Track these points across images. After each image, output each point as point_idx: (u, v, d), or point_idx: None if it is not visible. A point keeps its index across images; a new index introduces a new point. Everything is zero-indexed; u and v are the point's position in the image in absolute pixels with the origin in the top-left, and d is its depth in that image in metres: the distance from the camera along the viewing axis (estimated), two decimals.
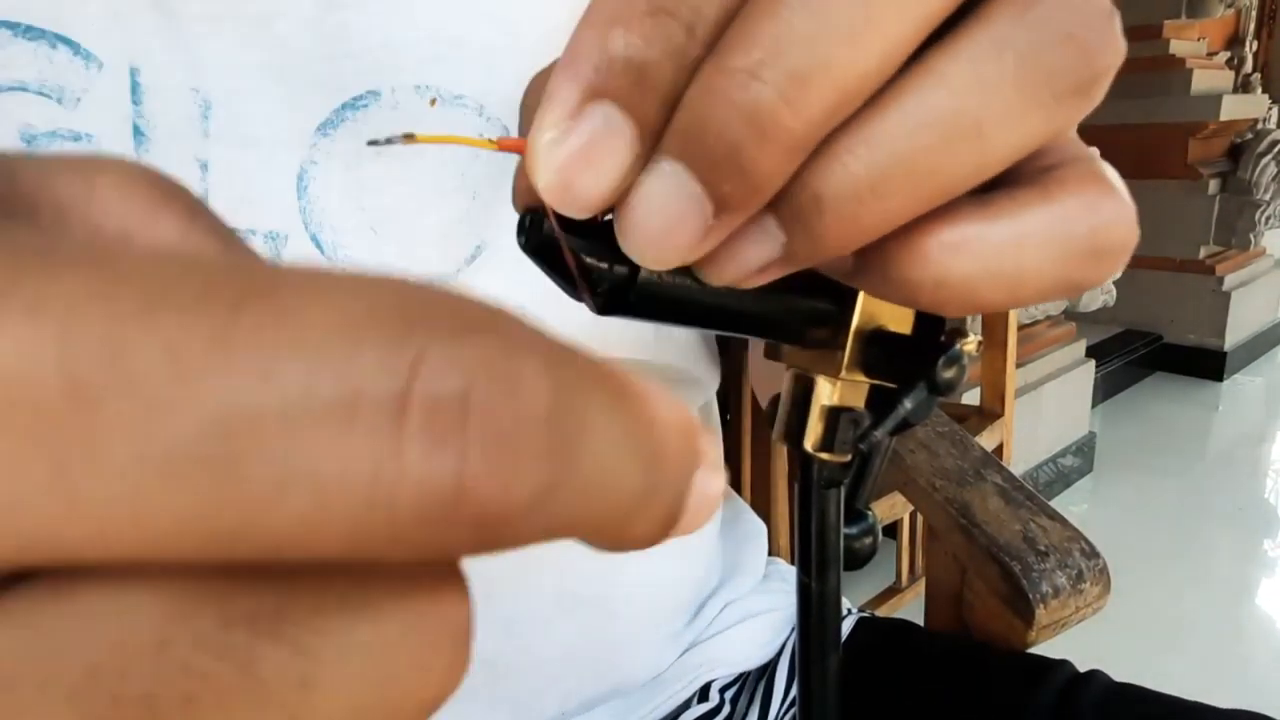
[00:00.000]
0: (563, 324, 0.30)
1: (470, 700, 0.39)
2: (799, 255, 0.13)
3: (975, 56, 0.12)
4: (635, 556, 0.42)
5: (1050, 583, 0.45)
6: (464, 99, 0.31)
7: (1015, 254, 0.13)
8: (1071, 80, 0.12)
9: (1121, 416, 2.42)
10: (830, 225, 0.12)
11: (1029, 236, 0.13)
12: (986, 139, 0.12)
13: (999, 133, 0.12)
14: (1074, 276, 0.14)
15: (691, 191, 0.11)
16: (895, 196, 0.12)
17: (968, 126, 0.12)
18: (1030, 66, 0.12)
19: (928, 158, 0.12)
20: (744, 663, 0.46)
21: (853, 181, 0.12)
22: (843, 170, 0.12)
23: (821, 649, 0.21)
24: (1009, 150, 0.12)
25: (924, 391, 0.16)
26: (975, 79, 0.12)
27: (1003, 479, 0.51)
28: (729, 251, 0.13)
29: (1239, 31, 2.92)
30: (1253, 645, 1.51)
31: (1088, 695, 0.42)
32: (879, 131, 0.12)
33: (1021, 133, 0.12)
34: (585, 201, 0.12)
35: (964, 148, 0.12)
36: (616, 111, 0.11)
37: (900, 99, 0.12)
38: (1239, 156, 2.64)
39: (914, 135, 0.12)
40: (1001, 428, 1.16)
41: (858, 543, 0.21)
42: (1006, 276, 0.13)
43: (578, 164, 0.11)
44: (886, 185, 0.12)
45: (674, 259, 0.12)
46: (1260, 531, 1.85)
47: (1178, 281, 2.70)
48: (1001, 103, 0.12)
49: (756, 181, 0.11)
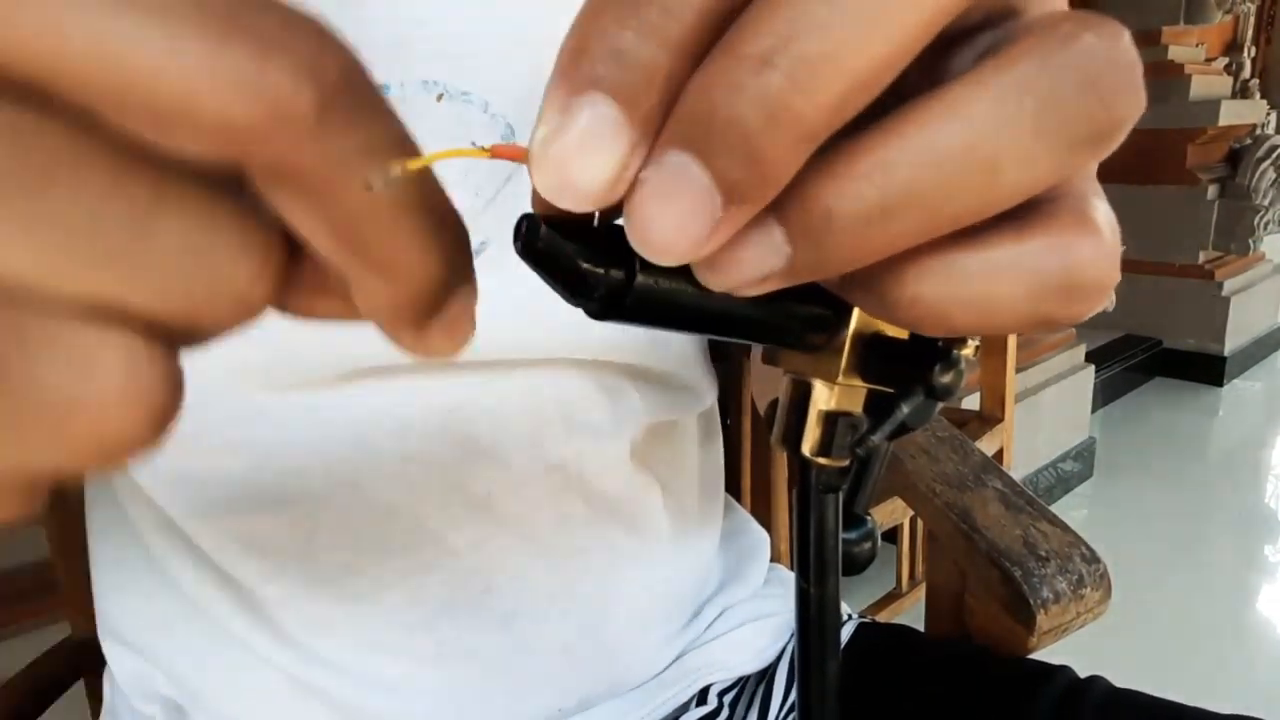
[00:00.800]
0: (564, 324, 0.30)
1: (469, 695, 0.39)
2: (801, 270, 0.13)
3: (999, 96, 0.12)
4: (633, 559, 0.42)
5: (1051, 588, 0.45)
6: (470, 95, 0.31)
7: (986, 284, 0.13)
8: (1088, 130, 0.12)
9: (1121, 421, 2.42)
10: (837, 244, 0.12)
11: (1000, 269, 0.13)
12: (999, 177, 0.12)
13: (1011, 172, 0.12)
14: (1046, 311, 0.14)
15: (700, 182, 0.11)
16: (904, 222, 0.12)
17: (984, 163, 0.12)
18: (1051, 112, 0.12)
19: (941, 189, 0.12)
20: (743, 667, 0.46)
21: (866, 203, 0.12)
22: (857, 191, 0.12)
23: (821, 654, 0.21)
24: (1017, 189, 0.12)
25: (921, 396, 0.16)
26: (997, 118, 0.12)
27: (1003, 484, 0.51)
28: (733, 257, 0.13)
29: (1237, 37, 2.93)
30: (1254, 650, 1.50)
31: (1088, 701, 0.42)
32: (897, 157, 0.12)
33: (1033, 174, 0.12)
34: (581, 195, 0.11)
35: (977, 183, 0.12)
36: (607, 102, 0.11)
37: (922, 127, 0.12)
38: (1238, 162, 2.65)
39: (931, 165, 0.12)
40: (1002, 433, 1.16)
41: (857, 548, 0.21)
42: (977, 304, 0.13)
43: (571, 157, 0.11)
44: (897, 210, 0.12)
45: (682, 254, 0.12)
46: (1261, 536, 1.85)
47: (1177, 286, 2.70)
48: (1019, 144, 0.12)
49: (767, 170, 0.11)
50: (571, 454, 0.38)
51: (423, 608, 0.38)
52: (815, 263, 0.12)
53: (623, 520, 0.42)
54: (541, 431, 0.37)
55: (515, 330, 0.34)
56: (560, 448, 0.38)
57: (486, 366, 0.35)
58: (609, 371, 0.38)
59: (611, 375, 0.39)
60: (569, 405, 0.37)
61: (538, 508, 0.38)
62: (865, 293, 0.14)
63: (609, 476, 0.40)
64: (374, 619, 0.37)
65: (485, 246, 0.32)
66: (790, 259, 0.12)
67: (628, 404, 0.39)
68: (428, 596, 0.38)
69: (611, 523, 0.41)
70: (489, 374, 0.35)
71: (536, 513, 0.38)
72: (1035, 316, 0.14)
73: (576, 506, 0.39)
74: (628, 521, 0.42)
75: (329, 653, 0.38)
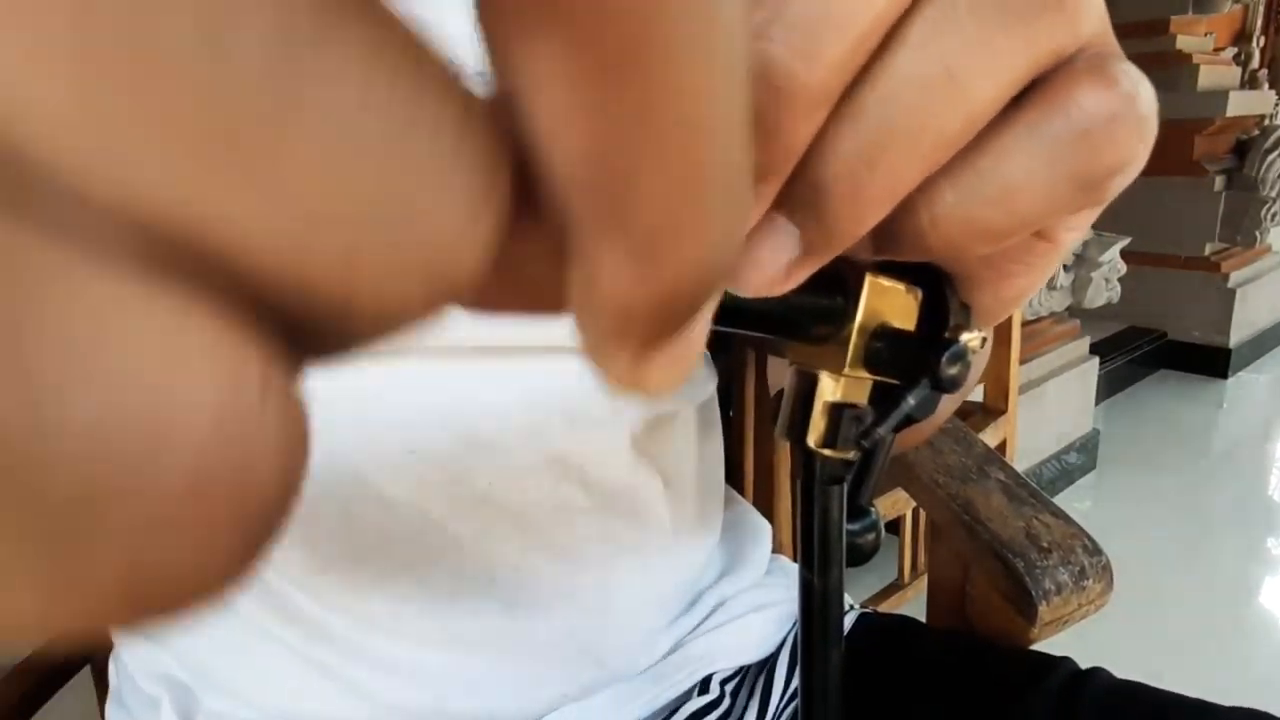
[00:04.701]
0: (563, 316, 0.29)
1: (476, 680, 0.40)
2: (818, 247, 0.12)
3: (930, 6, 0.12)
4: (633, 549, 0.43)
5: (1053, 580, 0.45)
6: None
7: (999, 174, 0.13)
8: (1042, 10, 0.12)
9: (1125, 414, 2.42)
10: (838, 208, 0.12)
11: (1009, 151, 0.12)
12: (962, 85, 0.12)
13: (974, 76, 0.12)
14: (1074, 181, 0.13)
15: None
16: (891, 164, 0.12)
17: (937, 78, 0.12)
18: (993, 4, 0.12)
19: (908, 120, 0.12)
20: (744, 656, 0.46)
21: (843, 162, 0.12)
22: (831, 153, 0.12)
23: (823, 645, 0.21)
24: (992, 89, 0.12)
25: (927, 388, 0.16)
26: (934, 30, 0.11)
27: (1006, 476, 0.51)
28: (753, 261, 0.12)
29: (1246, 27, 2.91)
30: (1256, 643, 1.51)
31: (1090, 692, 0.42)
32: (856, 108, 0.12)
33: (999, 68, 0.12)
34: None
35: (942, 99, 0.12)
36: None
37: (870, 71, 0.12)
38: (1245, 153, 2.63)
39: (889, 103, 0.12)
40: (1005, 424, 1.15)
41: (860, 539, 0.21)
42: (999, 199, 0.13)
43: None
44: (879, 156, 0.12)
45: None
46: (1264, 529, 1.85)
47: (1183, 278, 2.69)
48: (965, 45, 0.12)
49: (785, 143, 0.11)
50: (572, 445, 0.38)
51: (428, 595, 0.38)
52: (827, 234, 0.12)
53: (623, 511, 0.42)
54: (542, 423, 0.37)
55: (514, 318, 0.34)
56: (561, 439, 0.38)
57: (487, 356, 0.35)
58: None
59: None
60: (569, 396, 0.37)
61: (538, 498, 0.38)
62: (890, 240, 0.13)
63: (609, 468, 0.40)
64: (382, 603, 0.38)
65: None
66: (803, 240, 0.12)
67: (626, 395, 0.39)
68: (433, 584, 0.38)
69: (612, 513, 0.41)
70: (490, 364, 0.35)
71: (537, 503, 0.38)
72: (1065, 187, 0.13)
73: (577, 497, 0.40)
74: (628, 512, 0.42)
75: (339, 631, 0.38)
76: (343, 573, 0.37)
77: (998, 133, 0.12)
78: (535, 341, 0.35)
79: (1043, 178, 0.12)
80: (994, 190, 0.13)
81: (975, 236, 0.13)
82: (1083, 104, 0.12)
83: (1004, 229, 0.13)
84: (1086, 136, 0.12)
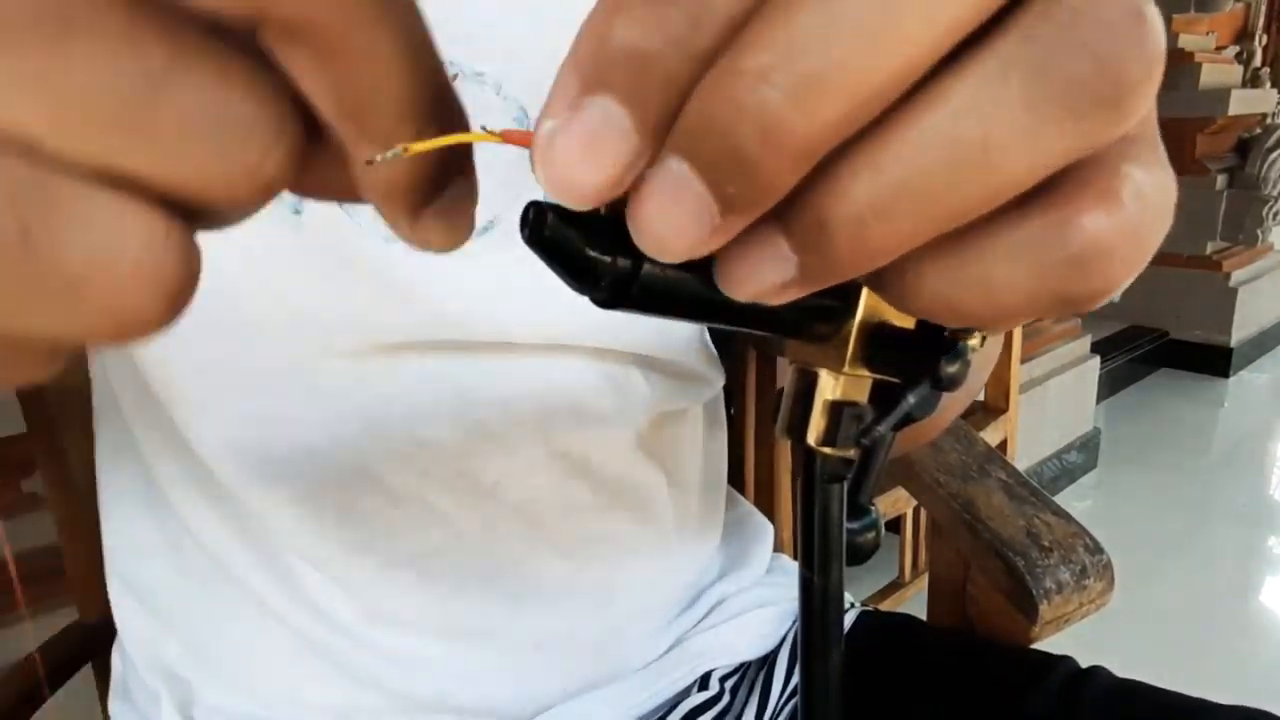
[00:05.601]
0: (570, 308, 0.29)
1: (478, 672, 0.40)
2: (814, 276, 0.12)
3: (981, 76, 0.11)
4: (638, 545, 0.43)
5: (1054, 579, 0.45)
6: (484, 76, 0.32)
7: (984, 268, 0.12)
8: (1090, 94, 0.11)
9: (1126, 413, 2.41)
10: (838, 249, 0.12)
11: (997, 251, 0.12)
12: (994, 161, 0.11)
13: (1009, 154, 0.11)
14: (1056, 293, 0.13)
15: (697, 191, 0.11)
16: (900, 220, 0.12)
17: (972, 149, 0.11)
18: (1039, 83, 0.11)
19: (930, 182, 0.11)
20: (745, 653, 0.46)
21: (854, 206, 0.12)
22: (844, 195, 0.12)
23: (824, 643, 0.21)
24: (1024, 170, 0.12)
25: (928, 387, 0.16)
26: (979, 100, 0.11)
27: (1007, 475, 0.51)
28: (746, 271, 0.13)
29: (1248, 26, 2.90)
30: (1256, 642, 1.51)
31: (1090, 691, 0.42)
32: (880, 156, 0.11)
33: (1037, 152, 0.11)
34: (583, 194, 0.11)
35: (969, 171, 0.11)
36: (615, 104, 0.11)
37: (902, 122, 0.11)
38: (1247, 152, 2.63)
39: (914, 159, 0.11)
40: (1006, 423, 1.15)
41: (860, 538, 0.21)
42: (979, 290, 0.13)
43: (575, 156, 0.11)
44: (890, 210, 0.12)
45: (681, 254, 0.12)
46: (1265, 528, 1.85)
47: (1184, 277, 2.68)
48: (1008, 123, 0.11)
49: (762, 186, 0.11)
50: (578, 441, 0.39)
51: (433, 586, 0.38)
52: (824, 269, 0.12)
53: (628, 507, 0.42)
54: (549, 419, 0.37)
55: (521, 312, 0.34)
56: (567, 435, 0.38)
57: (495, 352, 0.35)
58: (616, 359, 0.39)
59: (619, 363, 0.39)
60: (576, 393, 0.38)
61: (544, 494, 0.39)
62: (878, 287, 0.14)
63: (615, 464, 0.40)
64: (385, 594, 0.38)
65: (493, 225, 0.32)
66: (800, 267, 0.12)
67: (635, 392, 0.39)
68: (438, 576, 0.38)
69: (617, 510, 0.41)
70: (497, 360, 0.35)
71: (543, 499, 0.39)
72: (1045, 299, 0.13)
73: (583, 493, 0.40)
74: (633, 509, 0.42)
75: (343, 619, 0.38)
76: (348, 562, 0.37)
77: (994, 227, 0.12)
78: (543, 338, 0.36)
79: (1025, 287, 0.13)
80: (974, 281, 0.13)
81: (951, 315, 0.13)
82: (1085, 227, 0.12)
83: (980, 317, 0.13)
84: (1079, 263, 0.12)
